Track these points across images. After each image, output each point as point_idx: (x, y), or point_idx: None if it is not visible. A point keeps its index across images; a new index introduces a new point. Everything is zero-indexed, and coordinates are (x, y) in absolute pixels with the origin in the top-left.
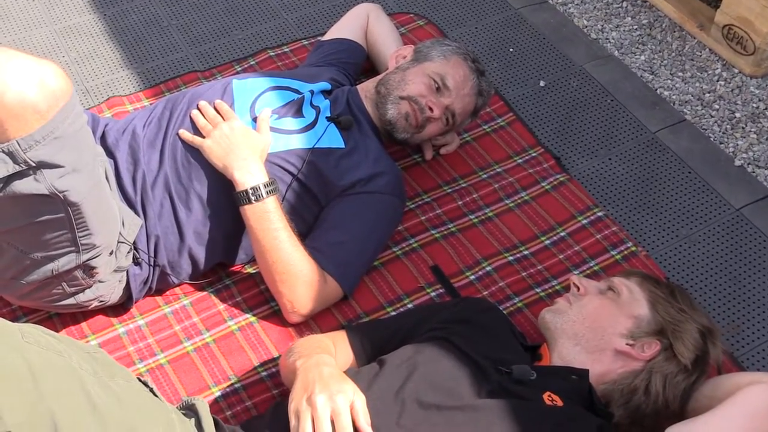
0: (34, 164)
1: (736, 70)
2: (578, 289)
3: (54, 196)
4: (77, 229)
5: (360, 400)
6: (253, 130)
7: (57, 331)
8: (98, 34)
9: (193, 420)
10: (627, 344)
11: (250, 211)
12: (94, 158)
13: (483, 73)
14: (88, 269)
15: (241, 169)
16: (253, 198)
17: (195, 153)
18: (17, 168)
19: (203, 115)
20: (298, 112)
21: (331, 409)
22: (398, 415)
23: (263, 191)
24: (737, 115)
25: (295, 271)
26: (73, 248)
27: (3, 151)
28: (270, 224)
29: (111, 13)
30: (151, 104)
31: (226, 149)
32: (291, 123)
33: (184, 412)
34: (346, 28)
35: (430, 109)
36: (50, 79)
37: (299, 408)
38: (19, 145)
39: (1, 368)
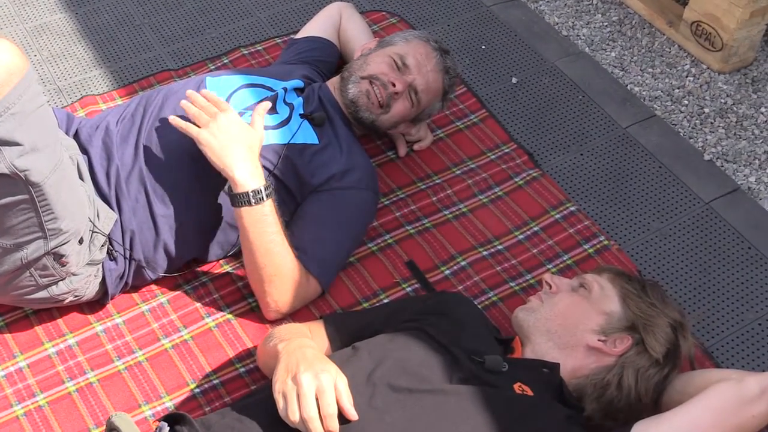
0: None
1: (705, 66)
2: (550, 287)
3: (14, 176)
4: (42, 212)
5: (342, 381)
6: (248, 126)
7: (32, 328)
8: (70, 33)
9: None
10: (599, 340)
11: (247, 213)
12: (55, 140)
13: (447, 52)
14: (58, 257)
15: (242, 170)
16: (254, 201)
17: (170, 148)
18: None
19: (193, 103)
20: (272, 109)
21: (316, 387)
22: (370, 397)
23: (264, 194)
24: (706, 110)
25: (285, 272)
26: (40, 233)
27: None
28: (267, 227)
29: (82, 12)
30: (124, 103)
31: (223, 144)
32: (266, 119)
33: None
34: (318, 26)
35: (393, 84)
36: (3, 55)
37: (284, 389)
38: None
39: None
